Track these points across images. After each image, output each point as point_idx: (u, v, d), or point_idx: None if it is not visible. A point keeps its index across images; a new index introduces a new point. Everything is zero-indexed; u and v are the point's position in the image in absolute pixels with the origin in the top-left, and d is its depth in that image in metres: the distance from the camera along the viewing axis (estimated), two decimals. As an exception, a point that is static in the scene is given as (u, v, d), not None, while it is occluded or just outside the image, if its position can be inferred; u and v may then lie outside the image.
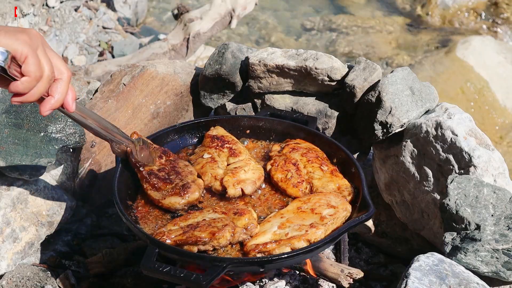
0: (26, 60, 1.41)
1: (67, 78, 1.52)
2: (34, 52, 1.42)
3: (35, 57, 1.42)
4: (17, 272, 2.28)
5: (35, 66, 1.42)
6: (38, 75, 1.43)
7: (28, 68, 1.42)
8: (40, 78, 1.44)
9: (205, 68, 2.67)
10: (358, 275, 2.11)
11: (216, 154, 2.22)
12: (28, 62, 1.41)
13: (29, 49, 1.41)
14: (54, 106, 1.52)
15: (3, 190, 2.29)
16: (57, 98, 1.51)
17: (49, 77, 1.46)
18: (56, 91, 1.51)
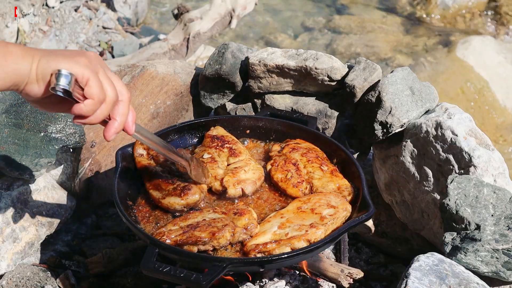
0: (88, 83, 1.42)
1: (127, 100, 1.53)
2: (95, 75, 1.43)
3: (97, 80, 1.43)
4: (17, 272, 2.29)
5: (98, 89, 1.43)
6: (101, 97, 1.44)
7: (91, 91, 1.42)
8: (104, 101, 1.45)
9: (205, 68, 2.67)
10: (358, 275, 2.11)
11: (216, 154, 2.22)
12: (90, 85, 1.42)
13: (90, 72, 1.42)
14: (118, 129, 1.52)
15: (3, 190, 2.29)
16: (120, 121, 1.52)
17: (112, 100, 1.47)
18: (118, 113, 1.51)
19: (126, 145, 2.20)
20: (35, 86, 1.41)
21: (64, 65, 1.40)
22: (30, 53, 1.40)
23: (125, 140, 2.58)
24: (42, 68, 1.39)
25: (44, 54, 1.41)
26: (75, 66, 1.40)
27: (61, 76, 1.38)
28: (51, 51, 1.43)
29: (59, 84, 1.38)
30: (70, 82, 1.38)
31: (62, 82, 1.38)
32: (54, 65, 1.39)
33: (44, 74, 1.39)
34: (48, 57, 1.40)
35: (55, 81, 1.38)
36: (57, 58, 1.40)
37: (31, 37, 4.61)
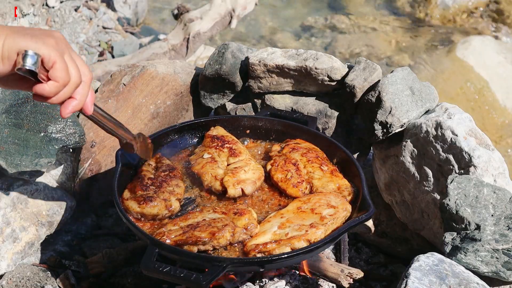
0: (54, 65, 1.41)
1: (88, 80, 1.52)
2: (61, 58, 1.42)
3: (63, 62, 1.42)
4: (17, 272, 2.28)
5: (63, 72, 1.42)
6: (66, 81, 1.43)
7: (56, 73, 1.41)
8: (67, 83, 1.44)
9: (205, 68, 2.67)
10: (358, 275, 2.11)
11: (216, 154, 2.22)
12: (56, 67, 1.41)
13: (57, 54, 1.41)
14: (75, 108, 1.51)
15: (3, 190, 2.29)
16: (79, 100, 1.50)
17: (76, 83, 1.46)
18: (78, 93, 1.50)
19: (126, 145, 2.20)
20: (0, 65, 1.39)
21: (32, 45, 1.38)
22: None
23: (125, 140, 2.58)
24: (9, 47, 1.37)
25: (12, 32, 1.38)
26: (43, 47, 1.39)
27: (27, 57, 1.36)
28: (19, 29, 1.41)
29: (25, 65, 1.36)
30: (36, 63, 1.37)
31: (28, 63, 1.36)
32: (22, 44, 1.37)
33: (10, 53, 1.37)
34: (15, 35, 1.38)
35: (22, 61, 1.36)
36: (24, 38, 1.38)
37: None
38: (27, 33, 1.40)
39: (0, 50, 1.37)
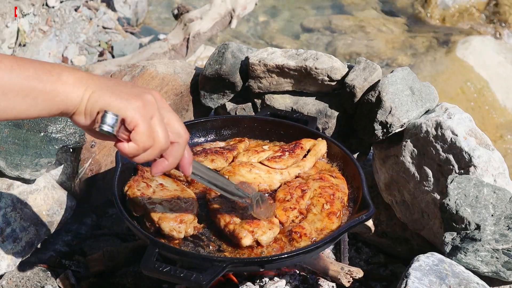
0: (136, 128, 1.35)
1: (184, 142, 1.47)
2: (146, 122, 1.36)
3: (147, 127, 1.36)
4: (17, 272, 2.28)
5: (145, 136, 1.36)
6: (147, 145, 1.38)
7: (136, 136, 1.36)
8: (149, 148, 1.39)
9: (205, 68, 2.67)
10: (358, 274, 2.11)
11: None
12: (137, 131, 1.35)
13: (140, 118, 1.35)
14: (165, 169, 1.47)
15: (3, 190, 2.29)
16: (170, 162, 1.46)
17: (161, 147, 1.40)
18: (171, 155, 1.45)
19: (126, 145, 2.20)
20: (82, 118, 1.36)
21: (115, 105, 1.34)
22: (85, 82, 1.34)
23: (125, 140, 2.58)
24: (92, 103, 1.34)
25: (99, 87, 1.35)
26: (125, 109, 1.34)
27: (106, 118, 1.34)
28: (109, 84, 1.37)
29: (103, 125, 1.34)
30: (114, 125, 1.34)
31: (107, 124, 1.34)
32: (104, 103, 1.34)
33: (92, 110, 1.34)
34: (101, 92, 1.34)
35: (100, 121, 1.34)
36: (110, 96, 1.34)
37: (31, 37, 4.61)
38: (115, 91, 1.35)
39: (84, 105, 1.34)
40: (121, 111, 1.34)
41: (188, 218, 1.93)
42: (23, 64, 1.31)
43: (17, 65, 1.30)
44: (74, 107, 1.34)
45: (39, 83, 1.30)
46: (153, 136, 1.38)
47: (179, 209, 1.96)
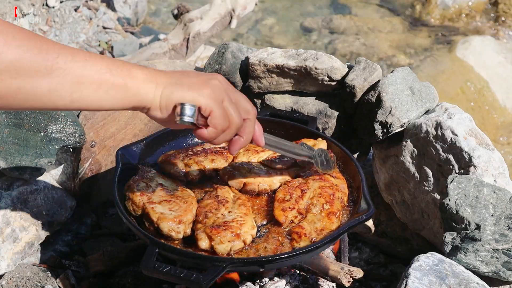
0: (212, 114, 1.47)
1: (253, 117, 1.59)
2: (218, 105, 1.48)
3: (220, 110, 1.48)
4: (17, 272, 2.28)
5: (221, 119, 1.48)
6: (224, 126, 1.50)
7: (213, 121, 1.48)
8: (227, 128, 1.51)
9: (205, 68, 2.67)
10: (358, 274, 2.11)
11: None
12: (213, 115, 1.47)
13: (214, 103, 1.47)
14: (243, 145, 1.59)
15: (3, 190, 2.29)
16: (245, 138, 1.58)
17: (236, 126, 1.53)
18: (245, 131, 1.57)
19: (126, 145, 2.20)
20: (158, 113, 1.46)
21: (188, 97, 1.45)
22: (154, 78, 1.43)
23: (125, 140, 2.58)
24: (166, 98, 1.44)
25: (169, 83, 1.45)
26: (199, 98, 1.45)
27: (185, 110, 1.45)
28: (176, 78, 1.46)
29: (183, 117, 1.45)
30: (194, 115, 1.45)
31: (187, 115, 1.45)
32: (178, 97, 1.44)
33: (168, 104, 1.44)
34: (172, 87, 1.44)
35: (180, 113, 1.44)
36: (181, 89, 1.44)
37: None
38: (184, 84, 1.45)
39: (158, 100, 1.44)
40: (195, 101, 1.45)
41: (187, 218, 1.93)
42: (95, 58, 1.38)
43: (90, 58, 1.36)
44: (147, 102, 1.44)
45: (111, 76, 1.38)
46: (228, 117, 1.50)
47: (178, 209, 1.96)
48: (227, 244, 1.85)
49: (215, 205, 1.99)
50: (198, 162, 2.16)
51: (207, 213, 1.96)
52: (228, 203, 2.01)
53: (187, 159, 2.18)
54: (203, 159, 2.18)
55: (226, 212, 1.96)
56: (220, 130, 1.50)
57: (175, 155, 2.20)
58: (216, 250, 1.84)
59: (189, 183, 2.16)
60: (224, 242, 1.85)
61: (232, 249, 1.86)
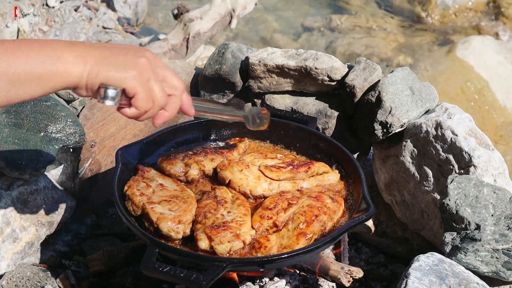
0: (135, 96, 1.49)
1: (180, 93, 1.59)
2: (144, 87, 1.49)
3: (144, 92, 1.49)
4: (17, 272, 2.29)
5: (143, 101, 1.50)
6: (147, 107, 1.52)
7: (136, 103, 1.50)
8: (150, 109, 1.52)
9: (205, 68, 2.67)
10: (358, 274, 2.11)
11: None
12: (137, 98, 1.49)
13: (138, 85, 1.48)
14: (166, 119, 1.60)
15: (3, 190, 2.29)
16: (170, 113, 1.59)
17: (160, 105, 1.54)
18: (170, 107, 1.58)
19: (126, 145, 2.21)
20: (83, 92, 1.48)
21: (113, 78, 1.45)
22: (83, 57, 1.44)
23: (125, 140, 2.58)
24: (92, 79, 1.44)
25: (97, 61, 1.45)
26: (124, 80, 1.46)
27: (108, 93, 1.47)
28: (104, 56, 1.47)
29: (106, 100, 1.47)
30: (115, 98, 1.47)
31: (109, 98, 1.47)
32: (103, 77, 1.45)
33: (93, 85, 1.45)
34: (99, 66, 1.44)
35: (103, 96, 1.47)
36: (108, 69, 1.45)
37: (31, 37, 4.61)
38: (112, 63, 1.46)
39: (85, 80, 1.44)
40: (120, 82, 1.46)
41: (187, 218, 1.93)
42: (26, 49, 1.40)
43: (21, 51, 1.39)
44: (75, 83, 1.45)
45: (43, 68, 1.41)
46: (152, 98, 1.51)
47: (178, 210, 1.96)
48: (226, 245, 1.85)
49: (214, 205, 1.99)
50: (198, 162, 2.17)
51: (206, 213, 1.96)
52: (227, 203, 2.01)
53: (187, 158, 2.18)
54: (203, 159, 2.19)
55: (225, 212, 1.96)
56: (143, 111, 1.51)
57: (175, 154, 2.21)
58: (216, 250, 1.84)
59: (189, 183, 2.16)
60: (224, 242, 1.84)
61: (231, 249, 1.86)
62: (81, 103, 2.63)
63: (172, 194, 2.03)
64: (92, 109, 2.61)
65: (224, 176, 2.11)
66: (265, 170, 2.13)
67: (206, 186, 2.16)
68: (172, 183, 2.12)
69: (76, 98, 2.61)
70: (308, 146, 2.32)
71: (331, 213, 1.99)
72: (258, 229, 1.93)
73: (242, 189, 2.08)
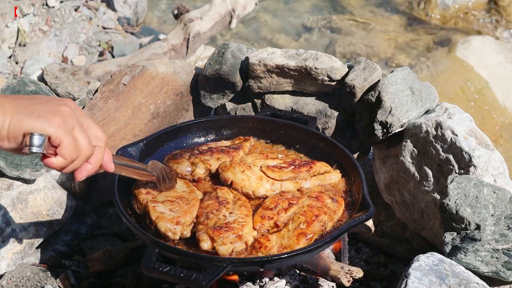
0: (61, 144, 1.43)
1: (103, 144, 1.55)
2: (69, 135, 1.43)
3: (70, 140, 1.44)
4: (17, 272, 2.29)
5: (70, 150, 1.44)
6: (74, 156, 1.46)
7: (63, 152, 1.44)
8: (76, 158, 1.47)
9: (205, 68, 2.67)
10: (358, 273, 2.11)
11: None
12: (63, 146, 1.43)
13: (64, 133, 1.42)
14: (90, 172, 1.55)
15: (3, 190, 2.29)
16: (93, 165, 1.54)
17: (86, 155, 1.49)
18: (94, 158, 1.53)
19: (126, 145, 2.21)
20: (5, 143, 1.41)
21: (37, 126, 1.39)
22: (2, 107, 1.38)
23: (125, 140, 2.58)
24: (14, 127, 1.38)
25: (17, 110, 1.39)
26: (49, 128, 1.40)
27: (33, 140, 1.39)
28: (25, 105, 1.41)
29: (32, 148, 1.39)
30: (42, 144, 1.40)
31: (35, 145, 1.39)
32: (27, 126, 1.39)
33: (16, 134, 1.39)
34: (20, 116, 1.38)
35: (28, 143, 1.39)
36: (30, 117, 1.39)
37: (31, 37, 4.61)
38: (33, 112, 1.40)
39: (6, 130, 1.38)
40: (44, 130, 1.39)
41: (185, 220, 1.93)
42: None
43: None
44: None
45: None
46: (78, 147, 1.45)
47: (178, 210, 1.96)
48: (229, 246, 1.85)
49: (216, 206, 1.99)
50: (204, 161, 2.17)
51: (208, 214, 1.96)
52: (228, 204, 2.00)
53: (193, 157, 2.18)
54: (209, 158, 2.19)
55: (227, 213, 1.96)
56: (69, 160, 1.45)
57: (181, 154, 2.21)
58: (218, 251, 1.84)
59: (195, 182, 2.16)
60: (226, 243, 1.84)
61: (234, 250, 1.86)
62: (81, 103, 2.63)
63: (178, 195, 2.04)
64: (92, 109, 2.61)
65: (226, 177, 2.11)
66: (267, 171, 2.14)
67: (207, 186, 2.16)
68: (183, 184, 2.12)
69: (76, 98, 2.61)
70: (308, 146, 2.33)
71: (331, 213, 1.99)
72: (259, 229, 1.93)
73: (245, 190, 2.08)
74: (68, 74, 2.69)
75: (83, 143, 1.46)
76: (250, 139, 2.35)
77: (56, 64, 2.86)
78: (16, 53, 4.47)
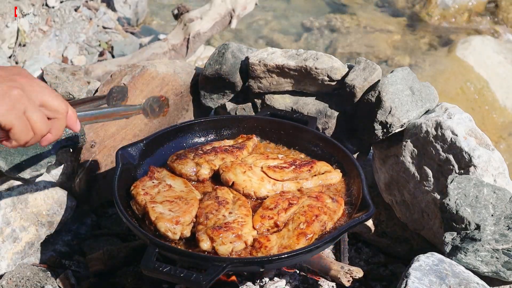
0: (12, 130, 1.43)
1: (63, 115, 1.54)
2: (19, 119, 1.43)
3: (21, 124, 1.44)
4: (17, 272, 2.29)
5: (22, 133, 1.45)
6: (27, 139, 1.47)
7: (14, 137, 1.45)
8: (30, 139, 1.47)
9: (205, 68, 2.67)
10: (358, 273, 2.11)
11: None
12: (13, 131, 1.44)
13: (13, 118, 1.42)
14: (51, 141, 1.56)
15: (3, 190, 2.29)
16: (54, 135, 1.54)
17: (41, 134, 1.49)
18: (54, 130, 1.53)
19: (126, 145, 2.21)
20: None
21: None
22: None
23: (125, 140, 2.58)
24: None
25: None
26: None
27: None
28: None
29: None
30: None
31: None
32: None
33: None
34: None
35: None
36: None
37: (31, 37, 4.61)
38: None
39: None
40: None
41: (185, 220, 1.93)
42: None
43: None
44: None
45: None
46: (32, 127, 1.46)
47: (178, 210, 1.96)
48: (228, 245, 1.85)
49: (216, 206, 1.99)
50: (208, 161, 2.17)
51: (208, 214, 1.96)
52: (228, 204, 2.01)
53: (198, 158, 2.18)
54: (214, 158, 2.19)
55: (227, 213, 1.96)
56: (23, 142, 1.47)
57: (185, 154, 2.21)
58: (218, 251, 1.84)
59: (200, 182, 2.16)
60: (226, 243, 1.84)
61: (233, 250, 1.86)
62: (81, 103, 2.63)
63: (177, 195, 2.03)
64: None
65: (227, 178, 2.11)
66: (268, 171, 2.14)
67: (207, 186, 2.16)
68: (181, 184, 2.12)
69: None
70: (308, 146, 2.33)
71: (331, 213, 1.99)
72: (259, 229, 1.93)
73: (247, 191, 2.08)
74: (68, 74, 2.69)
75: (37, 122, 1.47)
76: (253, 137, 2.35)
77: (56, 64, 2.85)
78: (16, 53, 4.47)
